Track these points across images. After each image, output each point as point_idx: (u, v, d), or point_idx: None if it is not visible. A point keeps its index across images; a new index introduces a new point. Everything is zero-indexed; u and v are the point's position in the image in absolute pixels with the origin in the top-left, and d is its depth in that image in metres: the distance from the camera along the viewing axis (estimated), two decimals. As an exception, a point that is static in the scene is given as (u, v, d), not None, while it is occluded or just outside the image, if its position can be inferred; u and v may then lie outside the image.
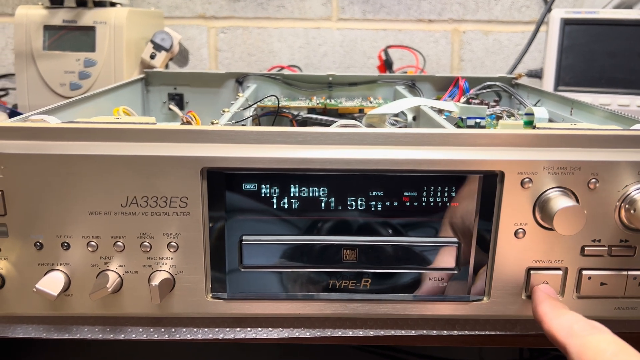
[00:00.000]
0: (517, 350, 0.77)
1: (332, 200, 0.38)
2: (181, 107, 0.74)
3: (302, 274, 0.40)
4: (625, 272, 0.39)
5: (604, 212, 0.38)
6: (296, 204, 0.38)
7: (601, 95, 0.84)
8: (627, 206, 0.37)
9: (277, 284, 0.40)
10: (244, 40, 1.04)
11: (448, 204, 0.38)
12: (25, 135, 0.37)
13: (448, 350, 0.82)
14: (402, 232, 0.39)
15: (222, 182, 0.37)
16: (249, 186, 0.38)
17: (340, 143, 0.38)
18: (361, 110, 0.69)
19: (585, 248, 0.38)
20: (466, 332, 0.41)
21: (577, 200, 0.37)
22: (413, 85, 0.76)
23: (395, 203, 0.39)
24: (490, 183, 0.37)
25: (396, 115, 0.64)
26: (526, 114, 0.59)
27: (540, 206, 0.37)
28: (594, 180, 0.37)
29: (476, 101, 0.70)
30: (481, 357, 0.84)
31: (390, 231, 0.39)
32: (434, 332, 0.41)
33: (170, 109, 0.73)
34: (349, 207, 0.39)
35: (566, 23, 0.85)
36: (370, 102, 0.72)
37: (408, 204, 0.39)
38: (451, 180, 0.38)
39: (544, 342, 0.43)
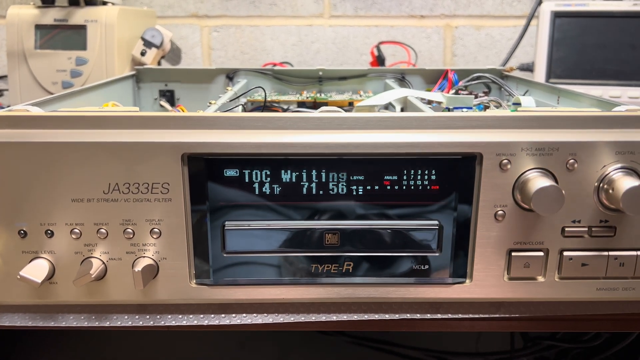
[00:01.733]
0: (508, 339, 0.77)
1: (313, 185, 0.39)
2: (172, 104, 0.75)
3: (285, 259, 0.40)
4: (606, 253, 0.39)
5: (583, 192, 0.38)
6: (277, 189, 0.39)
7: (592, 86, 0.84)
8: (605, 186, 0.37)
9: (261, 269, 0.40)
10: (237, 39, 1.05)
11: (428, 187, 0.39)
12: (7, 124, 0.37)
13: (445, 342, 0.82)
14: (383, 215, 0.39)
15: (203, 167, 0.38)
16: (230, 172, 0.38)
17: (320, 128, 0.38)
18: (351, 104, 0.69)
19: (566, 229, 0.39)
20: (449, 316, 0.42)
21: (556, 181, 0.38)
22: (403, 78, 0.76)
23: (376, 187, 0.39)
24: (469, 165, 0.38)
25: (386, 107, 0.65)
26: (514, 104, 0.60)
27: (520, 187, 0.38)
28: (572, 160, 0.37)
29: (465, 92, 0.70)
30: (477, 348, 0.84)
31: (371, 215, 0.39)
32: (418, 315, 0.42)
33: (161, 105, 0.74)
34: (330, 192, 0.39)
35: (556, 16, 0.85)
36: (360, 96, 0.72)
37: (389, 187, 0.39)
38: (430, 163, 0.38)
39: (529, 325, 0.43)
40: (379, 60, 0.97)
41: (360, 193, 0.39)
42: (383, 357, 0.82)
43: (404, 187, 0.39)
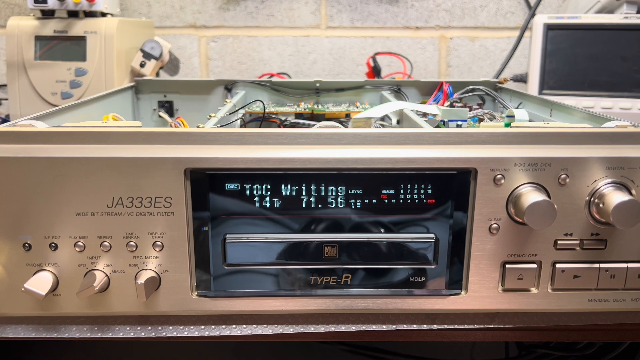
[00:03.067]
0: (503, 348, 0.78)
1: (312, 198, 0.40)
2: (171, 114, 0.76)
3: (285, 271, 0.41)
4: (597, 265, 0.40)
5: (574, 206, 0.39)
6: (278, 202, 0.40)
7: (585, 98, 0.85)
8: (596, 200, 0.38)
9: (261, 281, 0.41)
10: (235, 49, 1.06)
11: (424, 201, 0.40)
12: (13, 139, 0.38)
13: (441, 351, 0.83)
14: (381, 228, 0.40)
15: (205, 182, 0.39)
16: (231, 186, 0.39)
17: (319, 143, 0.39)
18: (348, 115, 0.70)
19: (558, 242, 0.40)
20: (445, 326, 0.42)
21: (549, 196, 0.39)
22: (399, 90, 0.78)
23: (374, 200, 0.40)
24: (464, 180, 0.39)
25: (382, 119, 0.66)
26: (507, 116, 0.61)
27: (513, 202, 0.39)
28: (564, 175, 0.38)
29: (459, 105, 0.71)
30: (472, 356, 0.85)
31: (369, 228, 0.40)
32: (414, 326, 0.42)
33: (160, 116, 0.74)
34: (329, 205, 0.40)
35: (549, 28, 0.87)
36: (357, 107, 0.73)
37: (386, 201, 0.40)
38: (427, 177, 0.39)
39: (522, 335, 0.44)
40: (375, 70, 0.98)
41: (358, 207, 0.40)
42: (379, 365, 0.82)
43: (401, 201, 0.40)
